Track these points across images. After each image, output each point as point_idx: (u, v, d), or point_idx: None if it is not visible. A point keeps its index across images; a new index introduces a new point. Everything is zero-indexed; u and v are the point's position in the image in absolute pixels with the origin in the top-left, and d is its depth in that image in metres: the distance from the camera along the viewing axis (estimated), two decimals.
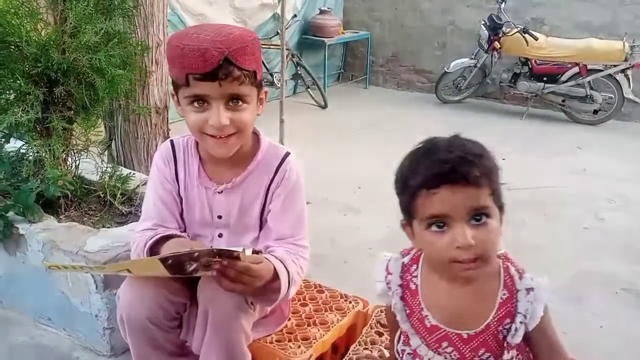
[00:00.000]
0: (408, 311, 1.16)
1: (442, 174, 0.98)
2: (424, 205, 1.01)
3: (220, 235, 1.49)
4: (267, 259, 1.31)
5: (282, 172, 1.44)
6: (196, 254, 1.18)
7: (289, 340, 1.54)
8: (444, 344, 1.12)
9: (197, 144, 1.46)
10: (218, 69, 1.24)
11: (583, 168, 4.21)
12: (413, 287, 1.15)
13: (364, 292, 1.80)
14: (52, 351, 1.98)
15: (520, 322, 1.06)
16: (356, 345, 1.56)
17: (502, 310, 1.08)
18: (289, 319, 1.62)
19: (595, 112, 5.31)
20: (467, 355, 1.11)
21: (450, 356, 1.12)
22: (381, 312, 1.70)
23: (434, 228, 1.01)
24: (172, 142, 1.50)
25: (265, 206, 1.46)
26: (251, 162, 1.44)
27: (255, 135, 1.48)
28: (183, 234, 1.48)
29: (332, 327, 1.61)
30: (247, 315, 1.35)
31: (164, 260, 1.22)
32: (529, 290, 1.07)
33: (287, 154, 1.47)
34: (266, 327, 1.54)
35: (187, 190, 1.47)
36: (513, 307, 1.07)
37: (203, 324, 1.34)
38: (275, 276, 1.30)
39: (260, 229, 1.49)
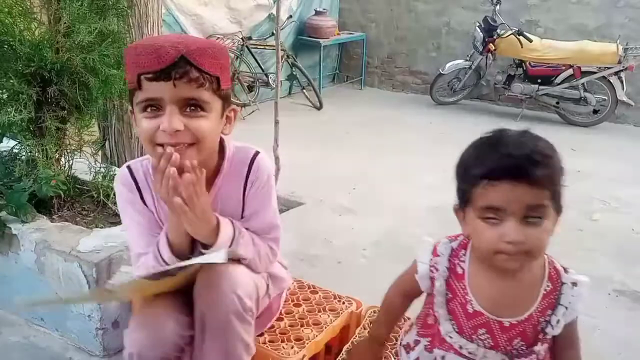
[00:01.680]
0: (450, 295, 1.16)
1: (506, 168, 0.99)
2: (482, 195, 1.02)
3: (204, 246, 1.36)
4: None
5: (254, 172, 1.37)
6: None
7: (282, 341, 1.54)
8: (481, 331, 1.12)
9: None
10: (173, 66, 1.12)
11: (577, 170, 4.22)
12: (460, 271, 1.15)
13: (358, 293, 1.80)
14: (44, 351, 1.97)
15: (562, 314, 1.10)
16: (349, 345, 1.56)
17: (545, 302, 1.10)
18: (282, 319, 1.62)
19: (595, 112, 5.33)
20: (501, 344, 1.12)
21: (484, 343, 1.13)
22: (374, 312, 1.70)
23: (488, 218, 1.03)
24: (129, 167, 1.37)
25: (244, 209, 1.40)
26: (217, 176, 1.35)
27: (221, 145, 1.35)
28: None
29: (325, 327, 1.61)
30: (245, 324, 1.30)
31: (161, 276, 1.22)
32: (573, 284, 1.11)
33: (256, 154, 1.39)
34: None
35: (159, 216, 1.36)
36: (555, 298, 1.11)
37: (200, 332, 1.30)
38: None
39: None
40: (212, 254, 1.26)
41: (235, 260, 1.34)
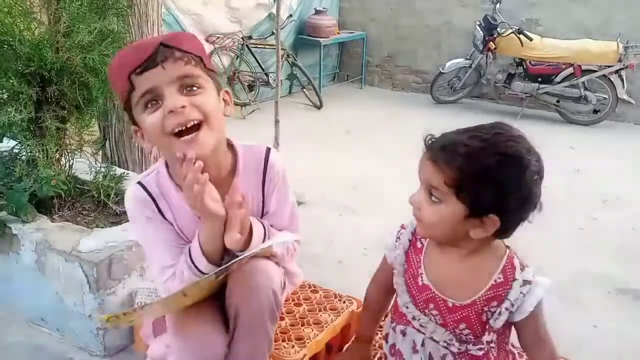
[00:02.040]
0: (406, 266, 1.23)
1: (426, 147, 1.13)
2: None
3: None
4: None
5: (270, 168, 1.39)
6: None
7: (283, 340, 1.54)
8: (431, 306, 1.18)
9: (167, 174, 1.32)
10: (155, 54, 1.16)
11: (577, 168, 4.22)
12: (419, 245, 1.23)
13: (359, 292, 1.80)
14: (45, 351, 1.98)
15: (506, 309, 1.12)
16: (349, 344, 1.56)
17: (492, 292, 1.13)
18: (283, 319, 1.62)
19: (595, 112, 5.32)
20: (449, 325, 1.17)
21: (435, 319, 1.18)
22: None
23: None
24: (140, 183, 1.33)
25: (265, 205, 1.41)
26: (234, 176, 1.34)
27: (230, 146, 1.36)
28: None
29: (326, 327, 1.61)
30: (274, 321, 1.33)
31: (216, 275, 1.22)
32: (525, 282, 1.12)
33: (269, 150, 1.40)
34: None
35: (179, 224, 1.33)
36: (504, 292, 1.12)
37: (232, 328, 1.30)
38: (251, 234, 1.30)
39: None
40: (280, 236, 1.33)
41: (266, 256, 1.35)
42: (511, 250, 1.18)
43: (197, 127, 1.20)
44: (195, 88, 1.21)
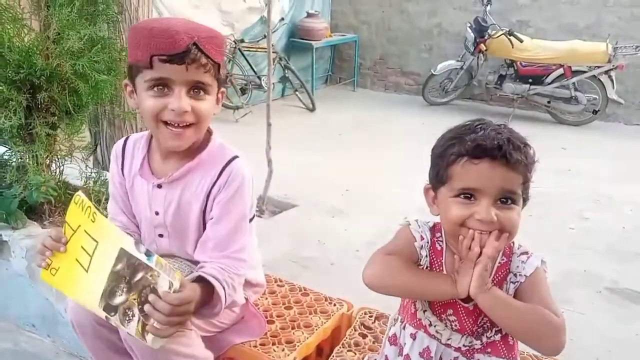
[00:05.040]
0: (429, 268, 1.19)
1: (487, 148, 1.02)
2: (460, 174, 1.06)
3: (160, 236, 1.44)
4: (195, 280, 1.26)
5: (225, 176, 1.35)
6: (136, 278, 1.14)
7: (273, 344, 1.54)
8: (449, 311, 1.17)
9: (149, 138, 1.42)
10: (186, 52, 1.21)
11: (568, 168, 4.25)
12: (438, 247, 1.19)
13: (351, 294, 1.81)
14: (36, 357, 1.97)
15: (511, 281, 1.14)
16: (340, 347, 1.57)
17: (499, 274, 1.15)
18: (273, 322, 1.63)
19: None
20: (467, 327, 1.15)
21: (452, 325, 1.17)
22: (365, 314, 1.72)
23: (461, 198, 1.06)
24: (127, 138, 1.48)
25: (206, 211, 1.38)
26: (194, 158, 1.37)
27: (208, 133, 1.41)
28: (130, 231, 1.47)
29: (317, 330, 1.62)
30: (176, 337, 1.22)
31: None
32: (522, 254, 1.15)
33: (234, 157, 1.38)
34: (247, 331, 1.55)
35: (132, 184, 1.44)
36: (507, 268, 1.15)
37: (132, 351, 1.30)
38: (208, 294, 1.26)
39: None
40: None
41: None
42: None
43: (187, 125, 1.29)
44: (202, 93, 1.29)
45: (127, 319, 1.15)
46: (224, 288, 1.28)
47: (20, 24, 2.03)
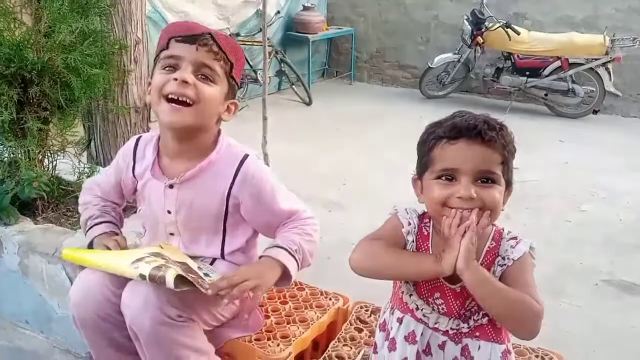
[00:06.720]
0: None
1: (463, 128, 1.07)
2: (439, 156, 1.10)
3: (171, 234, 1.48)
4: (269, 255, 1.38)
5: (243, 175, 1.39)
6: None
7: (268, 339, 1.53)
8: (436, 294, 1.17)
9: (158, 140, 1.46)
10: (200, 35, 1.32)
11: (565, 161, 4.25)
12: (425, 232, 1.21)
13: (348, 288, 1.80)
14: (30, 354, 1.96)
15: (499, 264, 1.15)
16: (336, 341, 1.56)
17: (488, 258, 1.16)
18: (268, 317, 1.62)
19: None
20: (454, 310, 1.16)
21: (439, 309, 1.17)
22: (361, 308, 1.71)
23: (442, 179, 1.10)
24: (139, 138, 1.52)
25: (228, 211, 1.42)
26: (204, 159, 1.40)
27: (218, 134, 1.44)
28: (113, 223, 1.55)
29: (312, 324, 1.61)
30: (180, 328, 1.29)
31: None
32: (511, 239, 1.17)
33: (246, 156, 1.42)
34: (245, 326, 1.54)
35: (145, 184, 1.47)
36: (496, 253, 1.16)
37: (136, 341, 1.32)
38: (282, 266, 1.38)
39: (224, 234, 1.47)
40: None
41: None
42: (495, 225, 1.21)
43: (187, 104, 1.32)
44: (207, 79, 1.34)
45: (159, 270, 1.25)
46: (292, 255, 1.42)
47: (10, 17, 2.00)
